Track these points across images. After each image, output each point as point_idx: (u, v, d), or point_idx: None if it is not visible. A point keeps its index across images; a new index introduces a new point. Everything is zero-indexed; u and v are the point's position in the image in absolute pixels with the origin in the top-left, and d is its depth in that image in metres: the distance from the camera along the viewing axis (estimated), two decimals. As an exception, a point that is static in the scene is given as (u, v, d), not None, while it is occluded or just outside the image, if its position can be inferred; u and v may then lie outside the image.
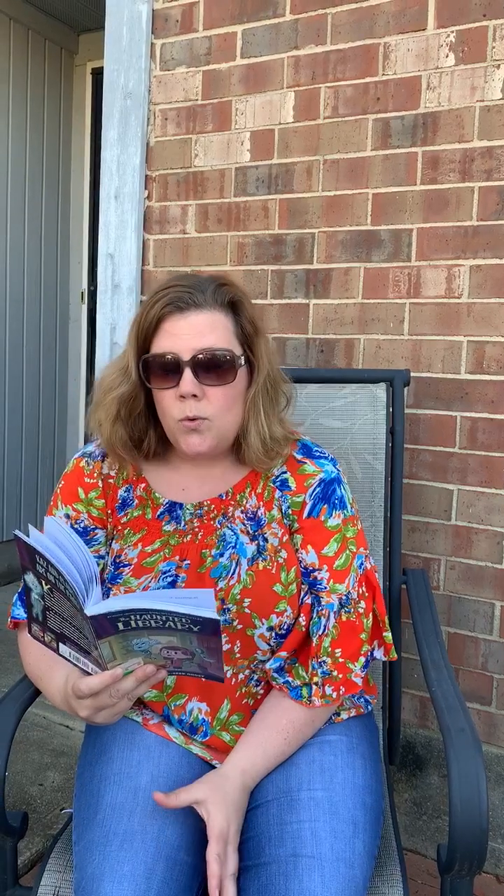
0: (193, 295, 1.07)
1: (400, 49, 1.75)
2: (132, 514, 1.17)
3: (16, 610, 1.18)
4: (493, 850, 1.72)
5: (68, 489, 1.20)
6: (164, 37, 2.04)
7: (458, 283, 1.72)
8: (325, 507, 1.14)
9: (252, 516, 1.15)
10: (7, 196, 3.27)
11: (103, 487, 1.19)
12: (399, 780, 1.84)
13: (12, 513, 3.43)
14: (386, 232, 1.79)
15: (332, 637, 1.10)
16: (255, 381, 1.13)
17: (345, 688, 1.10)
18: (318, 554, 1.13)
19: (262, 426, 1.12)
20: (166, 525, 1.15)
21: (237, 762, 1.04)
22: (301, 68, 1.86)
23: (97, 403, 1.15)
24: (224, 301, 1.10)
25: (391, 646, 1.18)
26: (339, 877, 0.91)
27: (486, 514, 1.72)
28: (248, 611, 1.09)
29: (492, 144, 1.67)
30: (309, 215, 1.88)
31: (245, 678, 1.12)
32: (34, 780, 1.97)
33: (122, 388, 1.12)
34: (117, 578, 1.13)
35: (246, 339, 1.13)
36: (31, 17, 3.32)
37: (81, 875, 0.93)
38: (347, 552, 1.14)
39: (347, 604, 1.12)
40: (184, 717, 1.11)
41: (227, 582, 1.10)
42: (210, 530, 1.14)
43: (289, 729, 1.07)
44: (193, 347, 1.06)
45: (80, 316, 3.71)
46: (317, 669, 1.09)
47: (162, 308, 1.08)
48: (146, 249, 2.11)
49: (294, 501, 1.15)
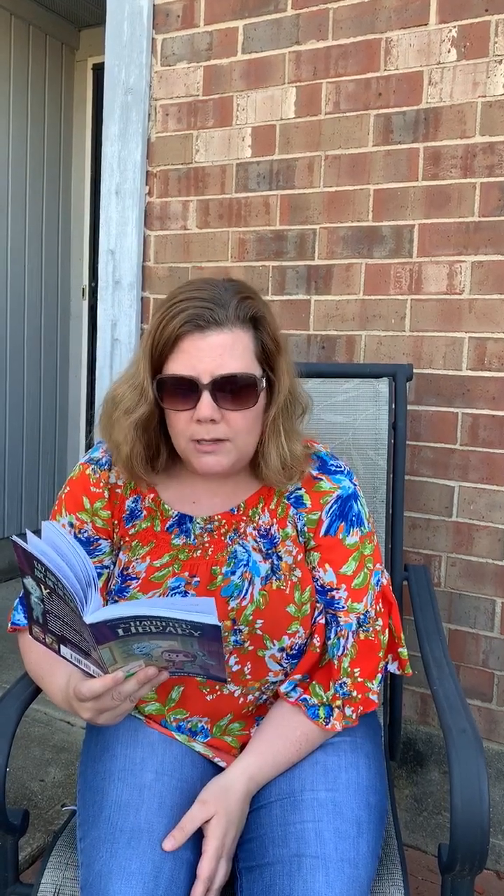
0: (215, 312, 1.01)
1: (402, 44, 1.74)
2: (140, 525, 1.13)
3: (16, 615, 1.16)
4: (494, 846, 1.72)
5: (73, 497, 1.15)
6: (165, 32, 2.04)
7: (460, 279, 1.72)
8: (342, 525, 1.11)
9: (265, 534, 1.11)
10: (8, 192, 3.26)
11: (110, 497, 1.14)
12: (400, 777, 1.84)
13: (13, 509, 3.43)
14: (387, 228, 1.79)
15: (351, 657, 1.08)
16: (276, 401, 1.07)
17: (363, 707, 1.09)
18: (336, 573, 1.10)
19: (282, 447, 1.06)
20: (175, 539, 1.12)
21: (246, 768, 1.03)
22: (302, 64, 1.85)
23: (113, 422, 1.08)
24: (246, 317, 1.04)
25: (406, 661, 1.16)
26: (343, 877, 0.91)
27: (488, 511, 1.72)
28: (259, 632, 1.07)
29: (494, 140, 1.66)
30: (310, 211, 1.87)
31: (254, 699, 1.10)
32: (35, 776, 1.97)
33: (140, 411, 1.05)
34: (124, 592, 1.10)
35: (266, 358, 1.07)
36: (32, 12, 3.31)
37: (88, 872, 0.93)
38: (365, 570, 1.11)
39: (365, 622, 1.10)
40: (182, 725, 1.10)
41: (239, 602, 1.07)
42: (221, 546, 1.11)
43: (302, 741, 1.06)
44: (213, 371, 1.00)
45: (80, 312, 3.71)
46: (338, 692, 1.07)
47: (180, 325, 1.00)
48: (147, 245, 2.10)
49: (310, 519, 1.11)
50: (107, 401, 1.11)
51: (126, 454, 1.07)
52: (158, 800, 0.98)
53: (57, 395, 3.67)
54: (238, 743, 1.10)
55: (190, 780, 1.04)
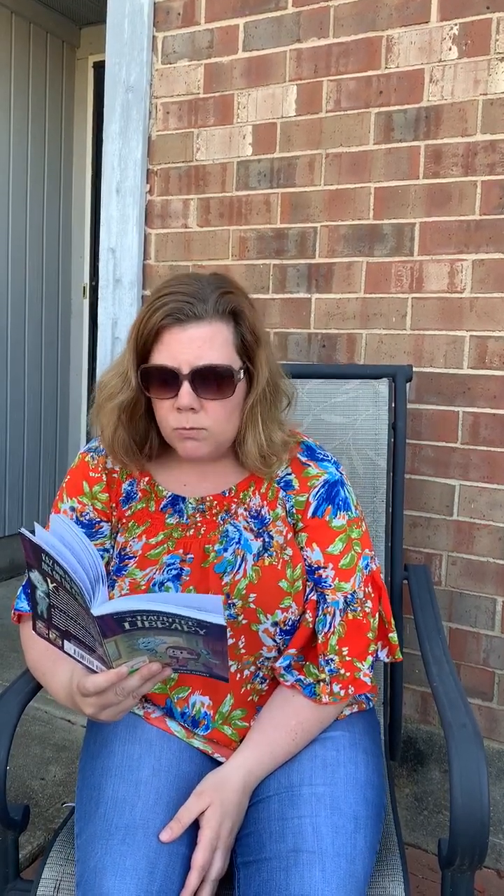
0: (194, 306, 1.05)
1: (403, 42, 1.74)
2: (136, 507, 1.18)
3: (20, 603, 1.17)
4: (495, 845, 1.72)
5: (74, 483, 1.21)
6: (166, 30, 2.04)
7: (461, 277, 1.72)
8: (329, 508, 1.15)
9: (256, 514, 1.15)
10: (8, 190, 3.26)
11: (107, 482, 1.20)
12: (400, 776, 1.84)
13: (14, 507, 3.43)
14: (388, 226, 1.79)
15: (339, 635, 1.10)
16: (254, 391, 1.12)
17: (353, 686, 1.10)
18: (322, 552, 1.13)
19: (259, 435, 1.12)
20: (169, 518, 1.16)
21: (244, 761, 1.04)
22: (303, 61, 1.85)
23: (99, 407, 1.15)
24: (225, 311, 1.08)
25: (396, 646, 1.18)
26: (339, 872, 0.91)
27: (488, 510, 1.72)
28: (253, 606, 1.09)
29: (495, 138, 1.66)
30: (311, 209, 1.87)
31: (250, 675, 1.12)
32: (36, 775, 1.98)
33: (122, 396, 1.11)
34: (122, 570, 1.13)
35: (246, 350, 1.11)
36: (33, 10, 3.31)
37: (84, 868, 0.93)
38: (353, 552, 1.14)
39: (353, 602, 1.12)
40: (186, 710, 1.11)
41: (232, 577, 1.10)
42: (212, 526, 1.14)
43: (298, 730, 1.07)
44: (193, 362, 1.05)
45: (81, 310, 3.71)
46: (324, 667, 1.09)
47: (162, 318, 1.06)
48: (148, 244, 2.10)
49: (298, 501, 1.15)
50: (96, 387, 1.17)
51: (108, 437, 1.14)
52: (155, 795, 0.99)
53: (57, 394, 3.67)
54: (238, 737, 1.10)
55: (188, 776, 1.04)
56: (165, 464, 1.20)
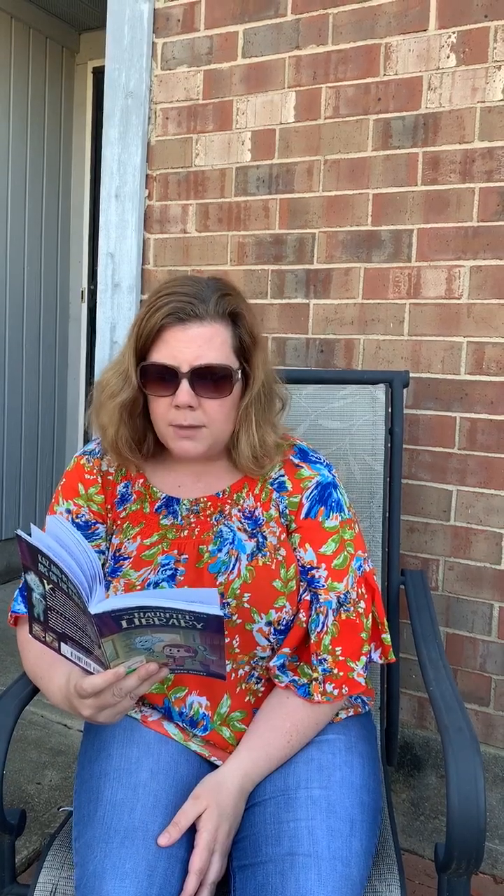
0: (195, 306, 1.08)
1: (401, 49, 1.75)
2: (130, 508, 1.19)
3: (16, 605, 1.18)
4: (491, 850, 1.72)
5: (69, 485, 1.22)
6: (166, 36, 2.04)
7: (459, 283, 1.72)
8: (321, 510, 1.16)
9: (249, 515, 1.16)
10: (8, 195, 3.27)
11: (102, 483, 1.21)
12: (397, 781, 1.84)
13: (11, 511, 3.43)
14: (386, 232, 1.79)
15: (332, 635, 1.11)
16: (249, 392, 1.14)
17: (347, 686, 1.10)
18: (315, 552, 1.14)
19: (252, 435, 1.14)
20: (164, 519, 1.17)
21: (240, 764, 1.04)
22: (302, 68, 1.86)
23: (100, 406, 1.16)
24: (225, 312, 1.11)
25: (389, 647, 1.18)
26: (335, 875, 0.91)
27: (485, 515, 1.73)
28: (247, 605, 1.10)
29: (493, 145, 1.67)
30: (309, 215, 1.88)
31: (245, 674, 1.13)
32: (32, 779, 1.97)
33: (124, 395, 1.13)
34: (117, 571, 1.14)
35: (243, 352, 1.14)
36: (33, 15, 3.32)
37: (83, 872, 0.93)
38: (345, 553, 1.15)
39: (346, 602, 1.12)
40: (184, 710, 1.11)
41: (226, 577, 1.11)
42: (207, 527, 1.15)
43: (293, 732, 1.07)
44: (192, 361, 1.07)
45: (80, 315, 3.71)
46: (317, 666, 1.10)
47: (163, 318, 1.08)
48: (146, 249, 2.11)
49: (291, 502, 1.17)
50: (95, 386, 1.19)
51: (112, 436, 1.15)
52: (154, 798, 0.99)
53: (55, 398, 3.67)
54: (235, 740, 1.10)
55: (185, 779, 1.04)
56: (160, 466, 1.21)
